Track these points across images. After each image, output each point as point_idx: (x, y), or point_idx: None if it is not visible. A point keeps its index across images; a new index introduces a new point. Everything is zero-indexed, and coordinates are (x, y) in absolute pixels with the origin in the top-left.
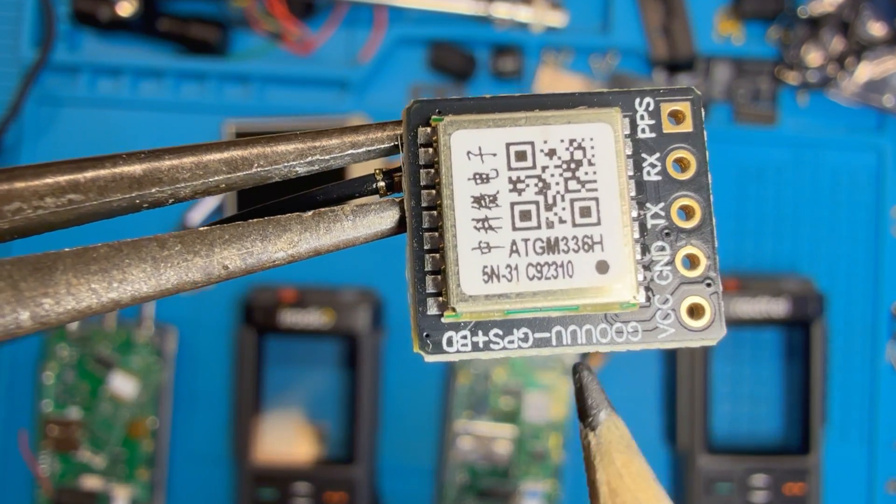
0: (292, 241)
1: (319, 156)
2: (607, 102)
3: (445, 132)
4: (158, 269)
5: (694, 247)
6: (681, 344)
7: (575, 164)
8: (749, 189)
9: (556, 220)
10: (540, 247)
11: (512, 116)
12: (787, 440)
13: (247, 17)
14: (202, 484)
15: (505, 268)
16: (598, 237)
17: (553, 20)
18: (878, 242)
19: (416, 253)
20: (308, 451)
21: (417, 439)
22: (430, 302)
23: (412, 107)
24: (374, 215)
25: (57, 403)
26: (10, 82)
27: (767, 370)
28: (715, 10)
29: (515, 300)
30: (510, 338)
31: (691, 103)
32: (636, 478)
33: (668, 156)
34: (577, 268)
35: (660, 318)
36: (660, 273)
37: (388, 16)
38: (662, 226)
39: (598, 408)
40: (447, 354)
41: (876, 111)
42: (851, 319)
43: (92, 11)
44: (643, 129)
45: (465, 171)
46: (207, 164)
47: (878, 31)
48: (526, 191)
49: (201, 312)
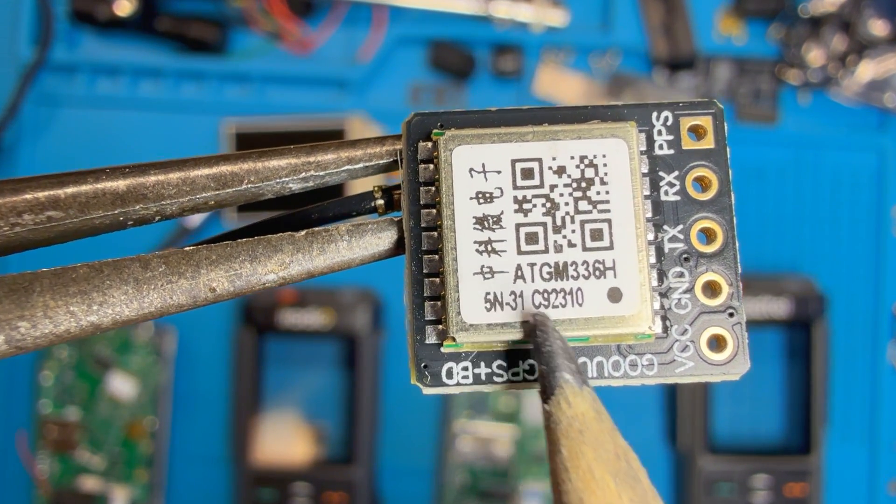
0: (283, 263)
1: (314, 171)
2: (622, 116)
3: (446, 147)
4: (141, 292)
5: (715, 273)
6: (700, 379)
7: (586, 182)
8: (750, 188)
9: (564, 244)
10: (547, 272)
11: (518, 131)
12: (789, 440)
13: (246, 17)
14: (201, 485)
15: (509, 295)
16: (610, 262)
17: (553, 19)
18: (879, 242)
19: (415, 277)
20: (307, 452)
21: (417, 440)
22: (428, 330)
23: (412, 120)
24: (371, 236)
25: (55, 404)
26: (8, 82)
27: (769, 370)
28: (716, 9)
29: (520, 330)
30: (515, 370)
31: (713, 118)
32: (584, 475)
33: (687, 174)
34: (588, 295)
35: (678, 351)
36: (678, 301)
37: (388, 15)
38: (681, 250)
39: (550, 375)
40: (447, 387)
41: (877, 110)
42: (853, 319)
43: (90, 10)
44: (661, 144)
45: (468, 189)
46: (195, 180)
47: (880, 30)
48: (533, 211)
49: (201, 313)
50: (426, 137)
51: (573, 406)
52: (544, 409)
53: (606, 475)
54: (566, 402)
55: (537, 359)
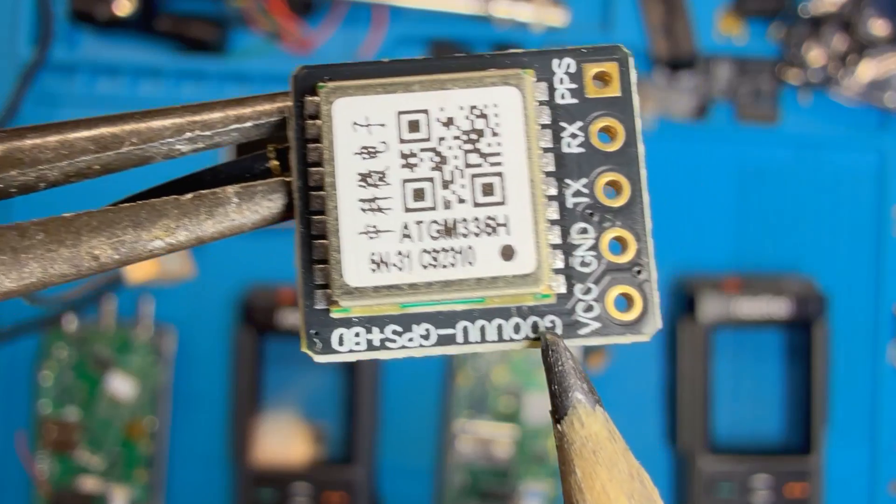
0: (169, 228)
1: (200, 131)
2: (521, 64)
3: (327, 101)
4: (19, 261)
5: (622, 228)
6: (607, 340)
7: (476, 134)
8: (750, 188)
9: (454, 200)
10: (436, 230)
11: (405, 81)
12: (789, 441)
13: (245, 16)
14: (201, 485)
15: (396, 255)
16: (502, 218)
17: (553, 19)
18: (880, 242)
19: (304, 239)
20: (307, 452)
21: (417, 439)
22: (318, 295)
23: (299, 73)
24: (262, 198)
25: (55, 404)
26: (7, 81)
27: (769, 370)
28: (716, 9)
29: (408, 292)
30: (409, 335)
31: (619, 63)
32: (599, 495)
33: (591, 124)
34: (479, 254)
35: (581, 311)
36: (582, 259)
37: (388, 15)
38: (585, 205)
39: (562, 395)
40: (339, 354)
41: (878, 110)
42: (853, 320)
43: (90, 10)
44: (563, 94)
45: (351, 144)
46: (73, 142)
47: (881, 30)
48: (420, 166)
49: (200, 313)
50: (313, 92)
51: (586, 426)
52: (557, 430)
53: (621, 496)
54: (579, 423)
55: (549, 378)
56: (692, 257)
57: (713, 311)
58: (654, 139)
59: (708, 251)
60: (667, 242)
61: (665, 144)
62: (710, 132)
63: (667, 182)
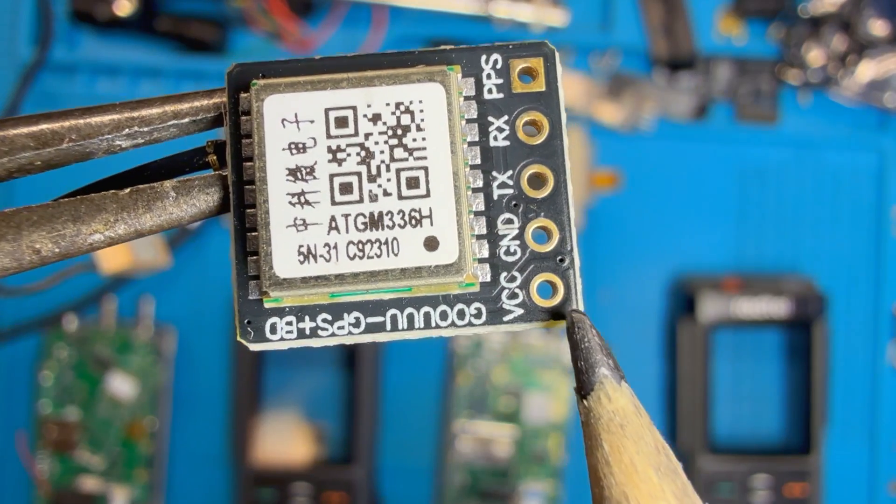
0: (108, 222)
1: (138, 127)
2: (449, 60)
3: (258, 97)
4: None
5: (546, 218)
6: (531, 326)
7: (402, 129)
8: (750, 189)
9: (380, 193)
10: (362, 222)
11: (333, 78)
12: (789, 441)
13: (245, 16)
14: (201, 485)
15: (323, 247)
16: (427, 210)
17: (553, 19)
18: (879, 242)
19: (238, 232)
20: (307, 452)
21: (417, 439)
22: (251, 285)
23: (233, 71)
24: (199, 192)
25: (55, 404)
26: (7, 81)
27: (768, 370)
28: (716, 9)
29: (335, 283)
30: (340, 323)
31: (544, 58)
32: (627, 468)
33: (517, 118)
34: (403, 245)
35: (506, 298)
36: (507, 249)
37: (388, 15)
38: (510, 196)
39: (589, 371)
40: (271, 343)
41: (878, 110)
42: (853, 320)
43: (90, 10)
44: (490, 88)
45: (280, 140)
46: (13, 139)
47: (880, 30)
48: (347, 161)
49: (200, 313)
50: (247, 88)
51: (613, 401)
52: (583, 406)
53: (649, 468)
54: (606, 398)
55: (574, 355)
56: (692, 257)
57: (713, 311)
58: (653, 139)
59: (708, 251)
60: (667, 242)
61: (665, 145)
62: (709, 132)
63: (667, 182)
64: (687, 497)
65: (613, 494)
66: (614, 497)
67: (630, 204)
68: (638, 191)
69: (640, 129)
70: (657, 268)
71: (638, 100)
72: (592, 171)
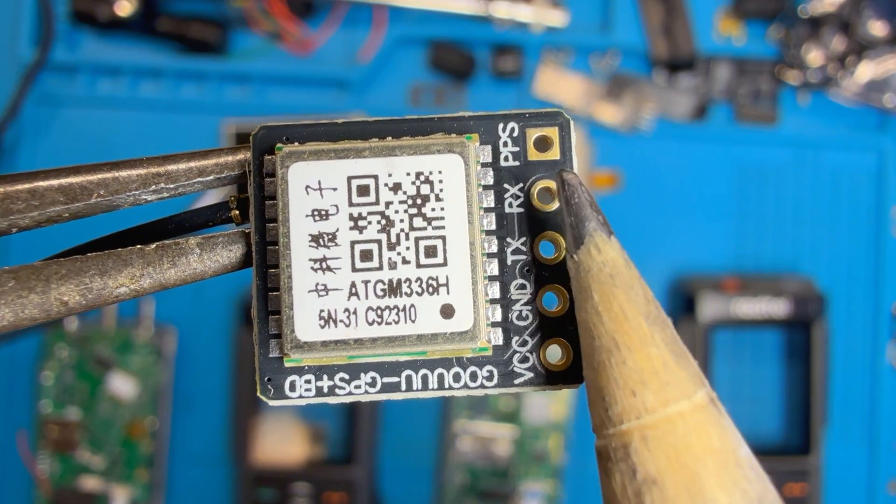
0: (134, 277)
1: (164, 184)
2: (467, 128)
3: (283, 164)
4: None
5: (557, 284)
6: (541, 389)
7: (421, 199)
8: (750, 189)
9: (399, 261)
10: (381, 289)
11: (355, 146)
12: (788, 441)
13: (246, 17)
14: (201, 485)
15: (343, 312)
16: (443, 279)
17: (553, 20)
18: (878, 242)
19: (260, 291)
20: (307, 452)
21: (417, 439)
22: (272, 343)
23: (258, 133)
24: (222, 248)
25: (56, 404)
26: (8, 82)
27: (768, 370)
28: (715, 10)
29: (354, 347)
30: (357, 382)
31: (559, 128)
32: (617, 316)
33: (532, 186)
34: (421, 312)
35: (517, 362)
36: (519, 313)
37: (388, 15)
38: (523, 262)
39: (579, 225)
40: (290, 400)
41: (877, 111)
42: (852, 320)
43: (91, 11)
44: (506, 156)
45: (304, 206)
46: (44, 193)
47: (879, 31)
48: (368, 228)
49: (201, 313)
50: (271, 151)
51: (603, 252)
52: (572, 262)
53: (639, 316)
54: (596, 249)
55: (566, 212)
56: (692, 257)
57: (713, 311)
58: (653, 139)
59: (707, 251)
60: (667, 243)
61: (664, 145)
62: (709, 133)
63: (666, 182)
64: (676, 345)
65: (604, 343)
66: (605, 345)
67: (630, 204)
68: (637, 191)
69: (639, 129)
70: (657, 268)
71: (637, 100)
72: (592, 171)
